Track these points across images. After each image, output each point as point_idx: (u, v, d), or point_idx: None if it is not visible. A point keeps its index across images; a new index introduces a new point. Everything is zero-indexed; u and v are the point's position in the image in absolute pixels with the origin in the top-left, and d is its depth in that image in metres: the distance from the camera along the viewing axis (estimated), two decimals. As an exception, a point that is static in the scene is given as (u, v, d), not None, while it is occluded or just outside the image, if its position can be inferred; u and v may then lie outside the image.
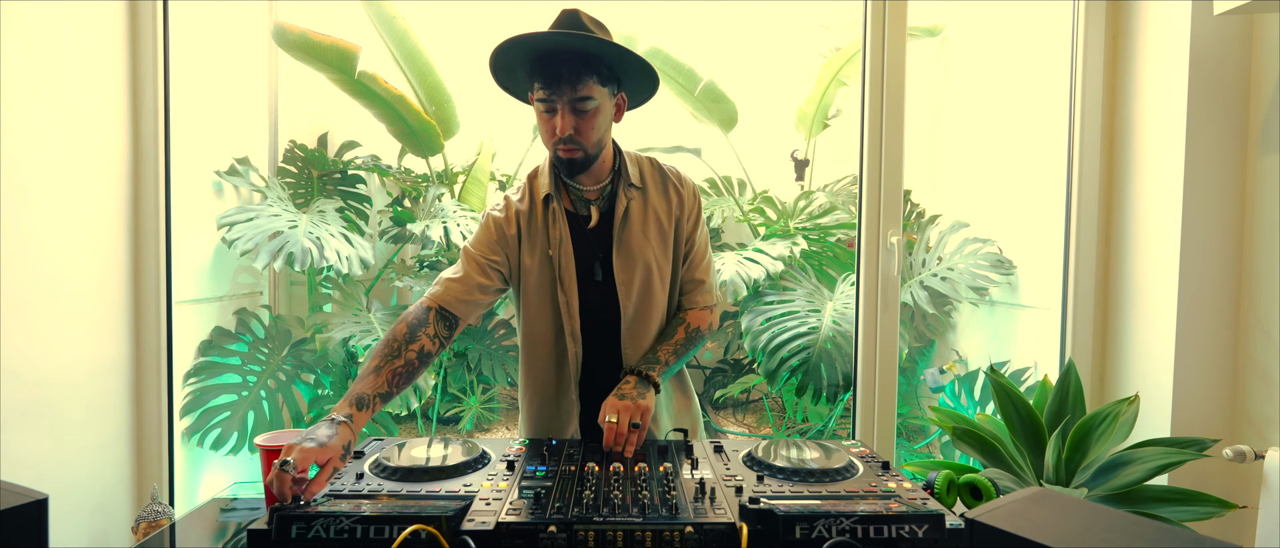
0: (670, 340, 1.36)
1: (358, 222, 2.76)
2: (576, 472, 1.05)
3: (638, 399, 1.20)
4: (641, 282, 1.36)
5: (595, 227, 1.36)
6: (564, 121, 1.24)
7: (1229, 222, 1.78)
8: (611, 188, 1.37)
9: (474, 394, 3.01)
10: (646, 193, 1.38)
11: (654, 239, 1.37)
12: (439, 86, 2.88)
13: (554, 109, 1.25)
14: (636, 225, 1.36)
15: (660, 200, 1.38)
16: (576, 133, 1.25)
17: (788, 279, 2.74)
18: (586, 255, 1.36)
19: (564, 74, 1.22)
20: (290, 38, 2.53)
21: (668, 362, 1.33)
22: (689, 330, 1.38)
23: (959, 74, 3.03)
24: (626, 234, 1.35)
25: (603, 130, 1.30)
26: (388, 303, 2.91)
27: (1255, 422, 1.75)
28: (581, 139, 1.26)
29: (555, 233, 1.35)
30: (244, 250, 2.27)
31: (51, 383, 1.75)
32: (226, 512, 1.19)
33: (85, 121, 1.82)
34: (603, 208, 1.37)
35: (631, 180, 1.37)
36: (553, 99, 1.24)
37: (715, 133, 3.15)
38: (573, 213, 1.38)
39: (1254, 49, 1.74)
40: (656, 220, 1.37)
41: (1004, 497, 0.78)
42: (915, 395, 2.95)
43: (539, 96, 1.25)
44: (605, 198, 1.37)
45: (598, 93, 1.25)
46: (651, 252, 1.36)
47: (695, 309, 1.41)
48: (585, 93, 1.23)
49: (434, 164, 3.01)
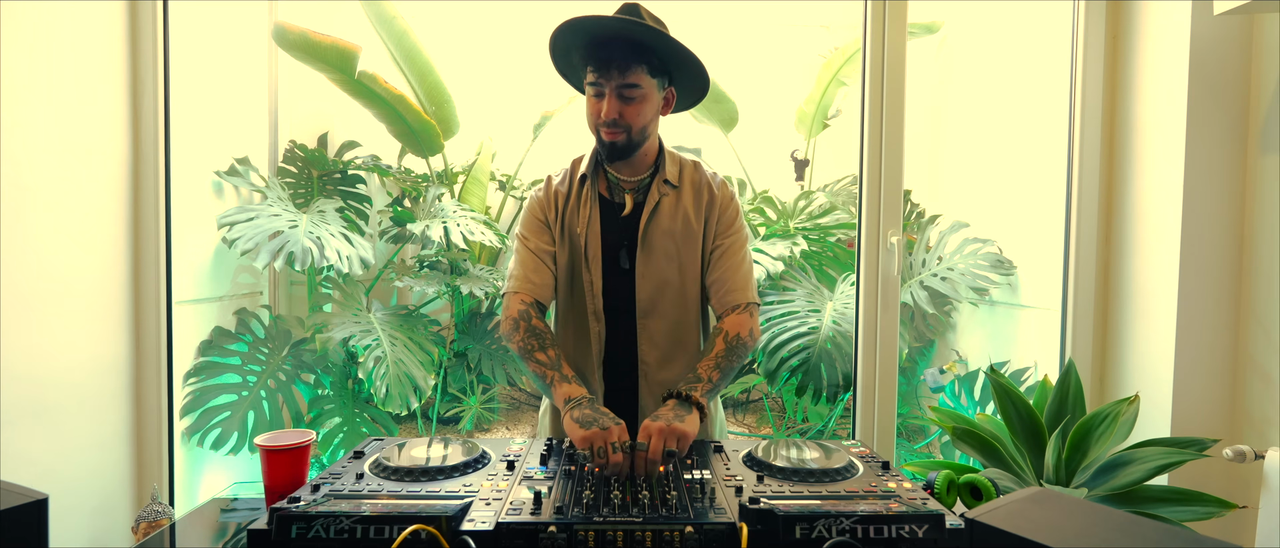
0: (711, 354, 1.31)
1: (358, 222, 2.76)
2: (576, 472, 1.05)
3: (674, 421, 1.14)
4: (659, 277, 1.38)
5: (627, 216, 1.39)
6: (610, 106, 1.28)
7: (1229, 222, 1.78)
8: (648, 181, 1.40)
9: (474, 394, 3.01)
10: (681, 192, 1.40)
11: (680, 238, 1.38)
12: (439, 87, 2.88)
13: (602, 93, 1.29)
14: (665, 221, 1.38)
15: (692, 201, 1.40)
16: (620, 117, 1.29)
17: (788, 279, 2.74)
18: (614, 241, 1.39)
19: (615, 60, 1.26)
20: (290, 38, 2.53)
21: (711, 379, 1.28)
22: (728, 340, 1.33)
23: (959, 73, 3.03)
24: (653, 228, 1.38)
25: (647, 118, 1.32)
26: (388, 303, 2.91)
27: (1255, 422, 1.75)
28: (625, 122, 1.29)
29: (584, 212, 1.39)
30: (244, 250, 2.27)
31: (51, 383, 1.75)
32: (226, 512, 1.19)
33: (85, 121, 1.82)
34: (637, 199, 1.39)
35: (668, 178, 1.39)
36: (602, 83, 1.28)
37: (715, 133, 3.15)
38: (607, 199, 1.41)
39: (1254, 49, 1.74)
40: (686, 220, 1.39)
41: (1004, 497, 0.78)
42: (915, 395, 2.95)
43: (589, 80, 1.30)
44: (641, 190, 1.40)
45: (646, 82, 1.29)
46: (675, 249, 1.38)
47: (731, 314, 1.37)
48: (633, 79, 1.27)
49: (434, 164, 3.01)
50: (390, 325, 2.61)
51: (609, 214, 1.40)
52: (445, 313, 3.04)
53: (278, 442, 1.10)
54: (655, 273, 1.38)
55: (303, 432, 1.13)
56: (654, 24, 1.30)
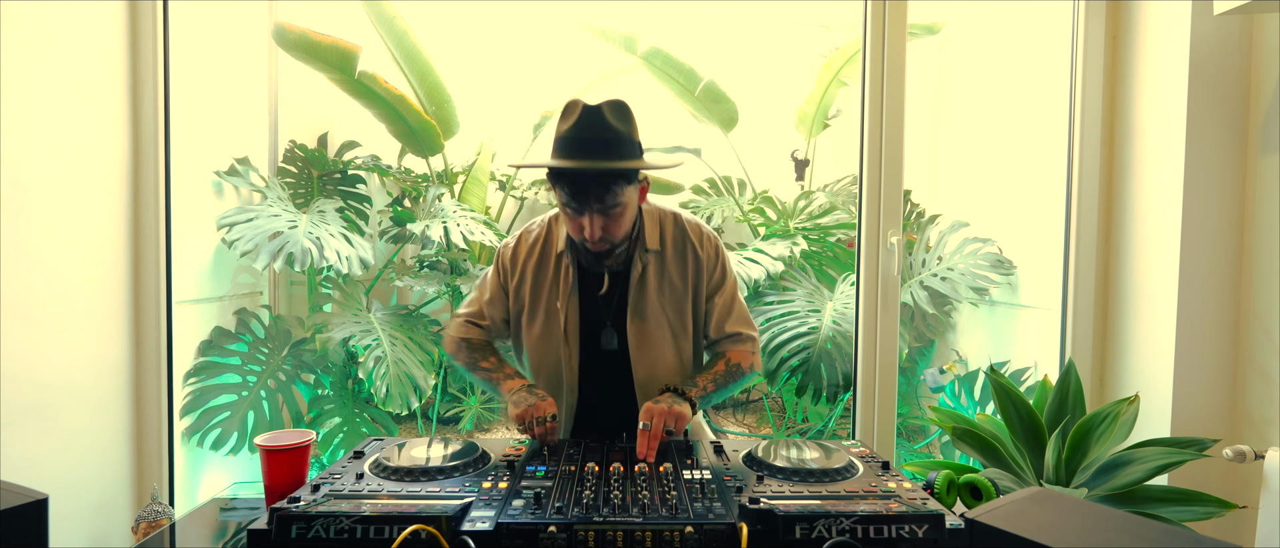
0: (711, 371, 1.34)
1: (358, 222, 2.76)
2: (576, 472, 1.05)
3: (672, 405, 1.20)
4: (655, 348, 1.35)
5: (605, 293, 1.34)
6: (593, 226, 1.23)
7: (1229, 222, 1.78)
8: (627, 253, 1.34)
9: (474, 394, 3.01)
10: (664, 256, 1.35)
11: (669, 304, 1.35)
12: (439, 87, 2.88)
13: (582, 212, 1.22)
14: (652, 290, 1.34)
15: (676, 265, 1.36)
16: (605, 231, 1.24)
17: (788, 279, 2.74)
18: (595, 319, 1.35)
19: (592, 190, 1.20)
20: (290, 38, 2.53)
21: (706, 388, 1.30)
22: (729, 365, 1.35)
23: (959, 73, 3.03)
24: (642, 300, 1.34)
25: (630, 220, 1.28)
26: (388, 303, 2.91)
27: (1255, 422, 1.75)
28: (610, 235, 1.25)
29: (564, 287, 1.34)
30: (244, 251, 2.27)
31: (52, 383, 1.75)
32: (226, 512, 1.19)
33: (85, 122, 1.82)
34: (616, 270, 1.34)
35: (649, 245, 1.35)
36: (580, 209, 1.22)
37: (715, 133, 3.15)
38: (585, 269, 1.35)
39: (1254, 49, 1.74)
40: (671, 285, 1.35)
41: (1004, 497, 0.78)
42: (915, 395, 2.95)
43: (564, 201, 1.23)
44: (621, 261, 1.34)
45: (626, 195, 1.23)
46: (667, 317, 1.35)
47: (735, 345, 1.38)
48: (613, 201, 1.22)
49: (434, 164, 3.01)
50: (390, 325, 2.61)
51: (586, 290, 1.35)
52: (445, 313, 3.04)
53: (278, 442, 1.10)
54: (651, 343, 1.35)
55: (303, 432, 1.14)
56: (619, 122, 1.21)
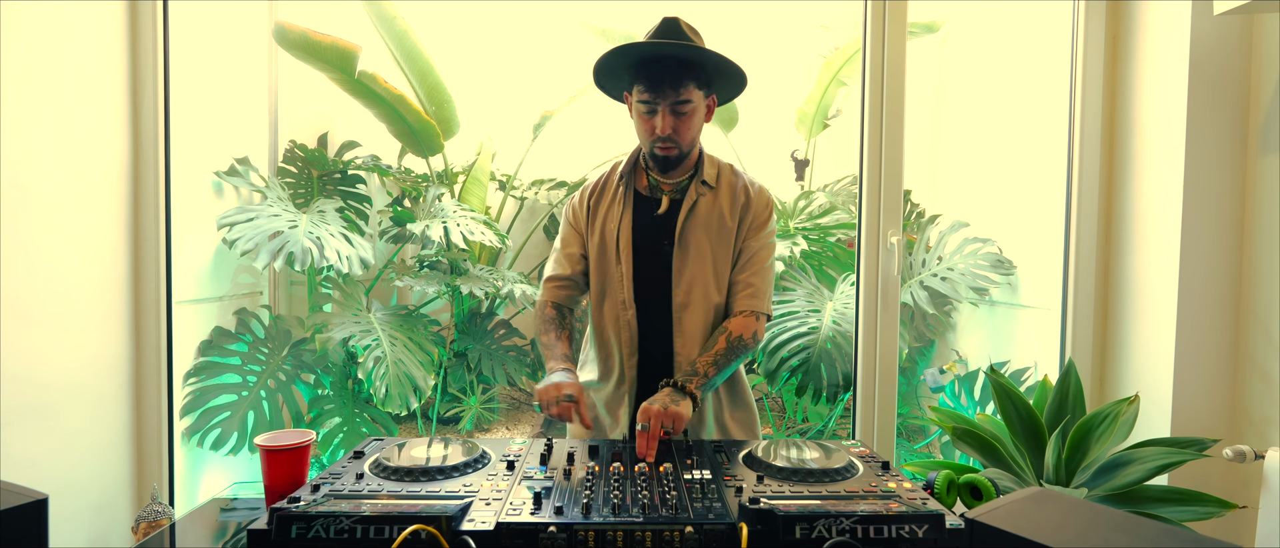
0: (711, 351, 1.38)
1: (358, 222, 2.76)
2: (576, 472, 1.05)
3: (670, 405, 1.22)
4: (695, 271, 1.42)
5: (662, 214, 1.44)
6: (664, 122, 1.35)
7: (1229, 222, 1.78)
8: (687, 183, 1.45)
9: (474, 394, 3.01)
10: (717, 192, 1.45)
11: (714, 237, 1.43)
12: (439, 87, 2.88)
13: (655, 110, 1.35)
14: (701, 220, 1.43)
15: (728, 201, 1.45)
16: (674, 132, 1.36)
17: (788, 279, 2.74)
18: (650, 235, 1.44)
19: (667, 79, 1.33)
20: (290, 37, 2.53)
21: (708, 374, 1.35)
22: (731, 340, 1.39)
23: (959, 73, 3.03)
24: (690, 227, 1.43)
25: (697, 130, 1.41)
26: (388, 303, 2.91)
27: (1255, 422, 1.75)
28: (678, 138, 1.37)
29: (617, 210, 1.45)
30: (244, 250, 2.27)
31: (52, 383, 1.75)
32: (226, 512, 1.19)
33: (85, 122, 1.82)
34: (674, 198, 1.44)
35: (706, 179, 1.43)
36: (655, 101, 1.34)
37: (715, 133, 3.15)
38: (646, 196, 1.47)
39: (1254, 49, 1.74)
40: (721, 218, 1.44)
41: (1004, 497, 0.78)
42: (915, 395, 2.95)
43: (641, 99, 1.36)
44: (679, 190, 1.45)
45: (695, 96, 1.36)
46: (710, 247, 1.43)
47: (738, 316, 1.43)
48: (685, 96, 1.34)
49: (434, 164, 3.01)
50: (390, 325, 2.61)
51: (644, 211, 1.45)
52: (445, 313, 3.05)
53: (278, 442, 1.10)
54: (691, 268, 1.42)
55: (303, 432, 1.14)
56: (695, 37, 1.38)
